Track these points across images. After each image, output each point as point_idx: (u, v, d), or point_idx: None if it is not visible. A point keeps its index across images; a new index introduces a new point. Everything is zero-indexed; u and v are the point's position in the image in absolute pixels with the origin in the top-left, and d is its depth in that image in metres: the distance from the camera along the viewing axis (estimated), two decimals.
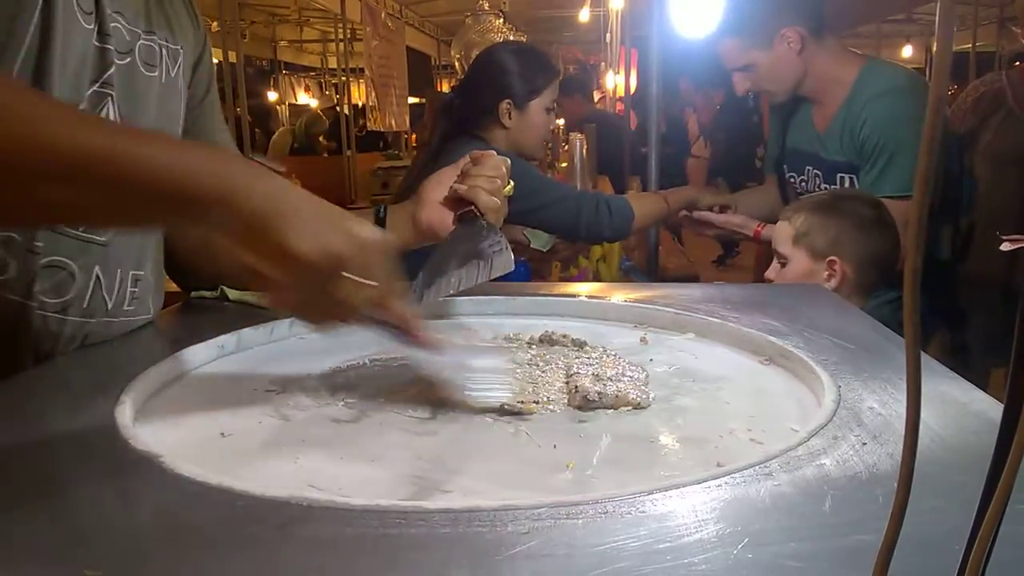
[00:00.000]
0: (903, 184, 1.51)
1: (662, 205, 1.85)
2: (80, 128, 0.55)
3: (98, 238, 0.80)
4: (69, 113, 0.62)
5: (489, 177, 0.91)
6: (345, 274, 0.58)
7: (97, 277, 0.80)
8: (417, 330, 0.65)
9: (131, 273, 0.84)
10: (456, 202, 0.92)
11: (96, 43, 0.77)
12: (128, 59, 0.81)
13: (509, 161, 0.95)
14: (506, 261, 0.85)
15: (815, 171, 1.73)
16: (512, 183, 0.95)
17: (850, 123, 1.61)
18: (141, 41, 0.83)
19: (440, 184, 0.94)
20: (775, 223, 1.82)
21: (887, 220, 1.43)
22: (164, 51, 0.87)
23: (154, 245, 0.89)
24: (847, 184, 1.65)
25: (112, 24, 0.79)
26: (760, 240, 1.78)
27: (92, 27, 0.77)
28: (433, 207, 0.92)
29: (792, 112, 1.79)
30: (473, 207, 0.89)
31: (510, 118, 1.85)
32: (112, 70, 0.78)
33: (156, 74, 0.86)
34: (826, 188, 1.69)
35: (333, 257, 0.58)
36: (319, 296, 0.60)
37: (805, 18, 1.63)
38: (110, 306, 0.82)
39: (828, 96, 1.67)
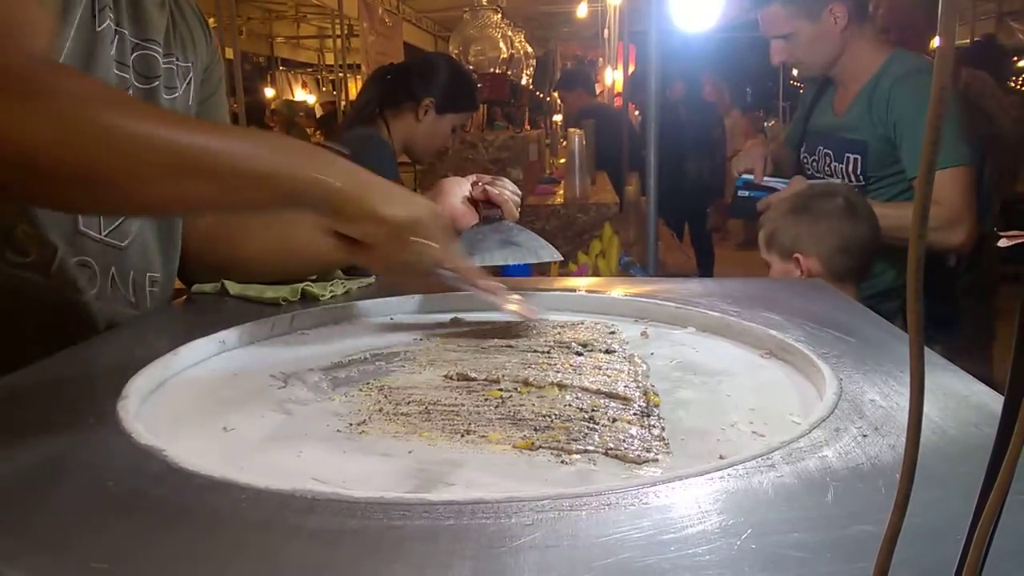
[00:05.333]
0: (946, 156, 1.53)
1: None
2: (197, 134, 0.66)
3: (118, 243, 0.86)
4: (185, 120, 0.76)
5: (512, 192, 1.01)
6: (420, 235, 0.73)
7: (112, 277, 0.86)
8: (477, 276, 0.81)
9: (147, 275, 0.90)
10: (476, 203, 1.02)
11: (118, 72, 0.83)
12: (155, 83, 0.87)
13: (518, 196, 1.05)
14: (552, 252, 0.94)
15: (826, 151, 1.76)
16: (518, 211, 1.04)
17: (876, 104, 1.65)
18: (163, 65, 0.88)
19: (459, 184, 1.04)
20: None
21: (857, 208, 1.44)
22: (179, 71, 0.91)
23: (164, 250, 0.94)
24: (853, 164, 1.68)
25: (142, 52, 0.85)
26: None
27: (128, 60, 0.84)
28: (452, 202, 1.03)
29: (820, 94, 1.83)
30: (498, 210, 0.98)
31: (425, 114, 2.03)
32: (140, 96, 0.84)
33: (174, 96, 0.90)
34: (836, 167, 1.72)
35: (413, 220, 0.73)
36: (400, 251, 0.74)
37: None
38: (132, 300, 0.88)
39: (852, 79, 1.71)
